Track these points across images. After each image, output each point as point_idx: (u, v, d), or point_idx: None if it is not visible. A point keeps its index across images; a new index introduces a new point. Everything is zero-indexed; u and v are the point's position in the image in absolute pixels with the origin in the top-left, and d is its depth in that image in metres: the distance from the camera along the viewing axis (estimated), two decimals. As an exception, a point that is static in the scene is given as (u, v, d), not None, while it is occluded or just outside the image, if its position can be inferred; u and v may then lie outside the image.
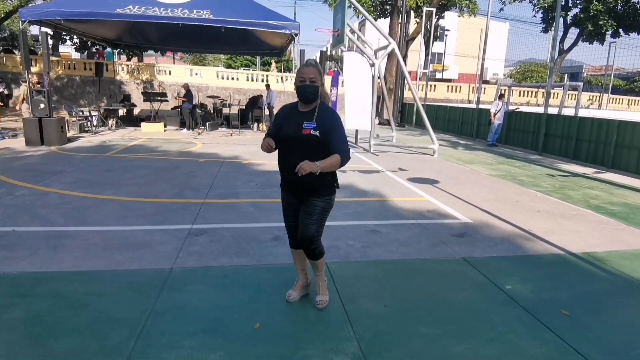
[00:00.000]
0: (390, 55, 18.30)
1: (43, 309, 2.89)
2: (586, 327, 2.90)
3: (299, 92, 2.71)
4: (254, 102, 16.56)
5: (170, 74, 24.62)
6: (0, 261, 3.60)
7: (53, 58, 23.03)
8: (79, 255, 3.80)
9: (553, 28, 13.36)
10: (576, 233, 4.95)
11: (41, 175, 6.88)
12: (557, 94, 26.49)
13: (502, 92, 13.66)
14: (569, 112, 12.55)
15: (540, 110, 12.99)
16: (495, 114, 13.01)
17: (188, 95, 14.60)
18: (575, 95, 28.00)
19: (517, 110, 13.56)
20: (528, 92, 29.97)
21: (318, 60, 12.01)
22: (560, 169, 9.68)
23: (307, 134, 2.65)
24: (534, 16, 29.80)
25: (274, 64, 35.37)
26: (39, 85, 10.39)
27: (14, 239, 4.13)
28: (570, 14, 28.71)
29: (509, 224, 5.18)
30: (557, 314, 3.05)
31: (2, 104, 21.89)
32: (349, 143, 2.79)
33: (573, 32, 30.14)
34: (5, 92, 22.09)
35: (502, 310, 3.10)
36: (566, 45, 30.22)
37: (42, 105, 9.98)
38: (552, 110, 12.53)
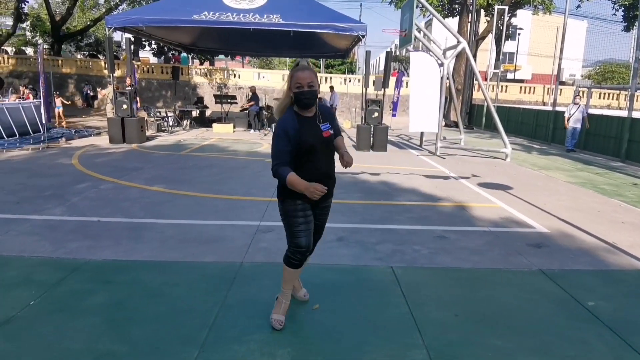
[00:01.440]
0: (458, 55, 17.68)
1: (123, 295, 3.10)
2: (686, 354, 2.60)
3: (298, 99, 2.54)
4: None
5: (239, 77, 25.61)
6: (85, 249, 3.92)
7: (134, 62, 24.84)
8: (157, 246, 4.04)
9: (636, 26, 12.20)
10: (671, 249, 4.47)
11: (123, 170, 7.42)
12: (645, 96, 24.16)
13: (579, 94, 12.74)
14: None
15: (623, 114, 11.92)
16: (568, 118, 12.14)
17: (254, 98, 15.07)
18: (667, 97, 25.39)
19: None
20: (609, 94, 27.64)
21: (384, 60, 11.88)
22: (650, 177, 8.81)
23: (328, 136, 2.64)
24: (614, 14, 27.39)
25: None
26: (129, 87, 11.25)
27: (99, 229, 4.48)
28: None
29: (590, 235, 4.79)
30: (649, 337, 2.77)
31: (87, 104, 23.95)
32: (404, 144, 2.77)
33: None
34: (91, 93, 24.12)
35: (583, 327, 2.87)
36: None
37: (124, 106, 10.78)
38: (637, 115, 11.45)
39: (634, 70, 11.87)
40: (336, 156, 2.73)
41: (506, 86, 27.09)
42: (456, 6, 21.43)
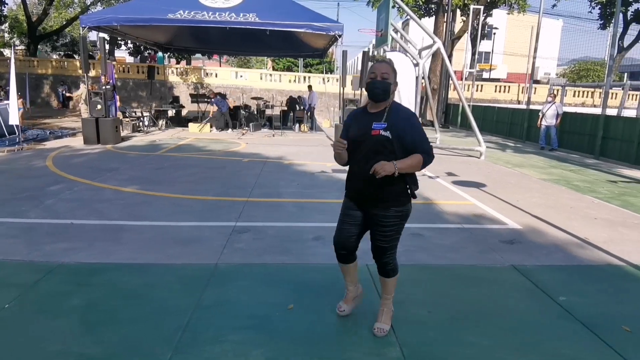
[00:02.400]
0: (435, 55, 17.92)
1: (99, 297, 3.04)
2: (651, 344, 2.70)
3: (368, 88, 2.47)
4: (293, 102, 16.70)
5: (216, 76, 25.34)
6: (59, 252, 3.82)
7: (109, 62, 24.32)
8: (133, 248, 3.97)
9: (612, 24, 12.60)
10: (639, 243, 4.62)
11: (98, 171, 7.26)
12: (616, 94, 24.95)
13: (553, 91, 13.04)
14: (629, 113, 11.80)
15: (597, 111, 12.27)
16: (542, 117, 12.41)
17: (218, 102, 14.91)
18: (636, 95, 26.30)
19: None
20: (583, 92, 28.42)
21: (360, 60, 11.96)
22: (620, 174, 9.09)
23: (376, 135, 2.39)
24: (590, 12, 28.25)
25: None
26: (106, 86, 11.00)
27: (73, 231, 4.38)
28: (631, 9, 26.98)
29: (563, 231, 4.92)
30: (617, 330, 2.85)
31: (62, 105, 23.36)
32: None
33: (634, 29, 28.31)
34: (67, 94, 23.54)
35: (557, 323, 2.93)
36: (626, 43, 28.43)
37: (98, 107, 10.54)
38: (611, 112, 11.81)
39: (609, 68, 12.25)
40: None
41: (482, 85, 27.56)
42: (432, 6, 21.70)
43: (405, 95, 10.65)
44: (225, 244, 4.12)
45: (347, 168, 2.70)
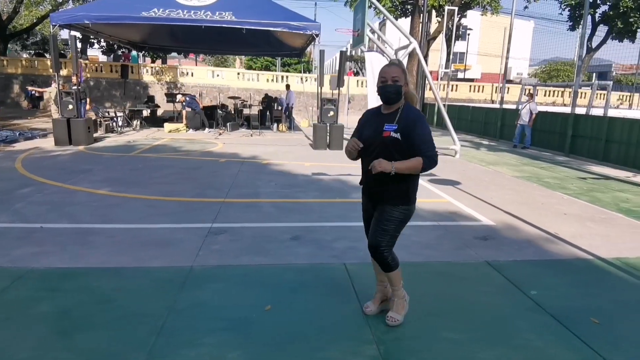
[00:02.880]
0: (411, 55, 18.11)
1: (70, 303, 2.96)
2: (617, 336, 2.79)
3: (380, 92, 2.58)
4: (270, 100, 16.59)
5: (192, 75, 25.01)
6: (29, 257, 3.70)
7: (81, 61, 23.69)
8: (106, 251, 3.88)
9: (581, 26, 13.00)
10: (606, 237, 4.78)
11: (69, 174, 7.06)
12: (585, 93, 25.76)
13: (525, 91, 13.35)
14: (597, 112, 12.20)
15: (567, 110, 12.64)
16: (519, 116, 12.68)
17: (189, 103, 14.76)
18: (604, 94, 27.20)
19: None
20: (554, 91, 29.23)
21: (338, 60, 12.00)
22: (588, 170, 9.39)
23: (387, 136, 2.50)
24: (561, 14, 29.15)
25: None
26: (76, 87, 10.70)
27: (43, 235, 4.25)
28: (599, 11, 27.91)
29: (535, 227, 5.05)
30: (586, 322, 2.95)
31: (32, 105, 22.63)
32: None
33: (602, 30, 29.31)
34: (37, 94, 22.81)
35: (529, 316, 3.01)
36: (594, 44, 29.39)
37: (70, 107, 10.26)
38: (580, 111, 12.18)
39: (578, 68, 12.63)
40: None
41: (456, 85, 28.03)
42: (408, 7, 21.95)
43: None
44: (201, 246, 4.07)
45: (327, 170, 2.74)
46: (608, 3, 27.17)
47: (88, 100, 11.64)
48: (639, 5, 25.86)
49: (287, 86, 17.62)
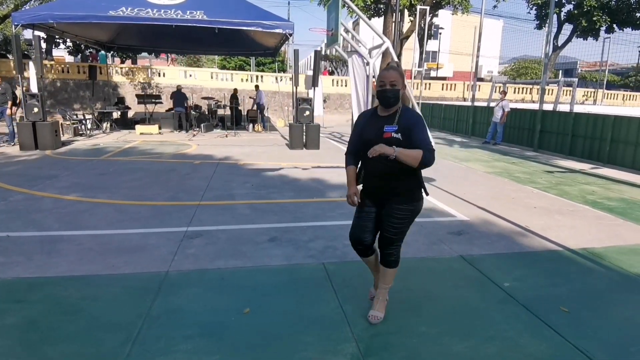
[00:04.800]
0: (385, 54, 18.26)
1: (38, 314, 2.85)
2: (585, 324, 2.89)
3: (379, 96, 2.60)
4: (233, 96, 16.35)
5: (164, 75, 24.55)
6: (-7, 267, 3.55)
7: (46, 62, 22.89)
8: (74, 259, 3.76)
9: (547, 24, 13.38)
10: (573, 229, 4.94)
11: (35, 179, 6.82)
12: (552, 90, 26.57)
13: (496, 89, 13.63)
14: (564, 108, 12.59)
15: (536, 106, 13.00)
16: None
17: (179, 97, 14.55)
18: (570, 91, 28.10)
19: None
20: (523, 88, 30.03)
21: (313, 59, 12.00)
22: (556, 165, 9.69)
23: (388, 137, 2.52)
24: (529, 13, 29.88)
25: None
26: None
27: (8, 244, 4.08)
28: (564, 10, 28.82)
29: (506, 220, 5.17)
30: (556, 311, 3.04)
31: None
32: (336, 142, 2.74)
33: (567, 28, 30.28)
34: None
35: (501, 307, 3.09)
36: (560, 42, 30.34)
37: (35, 110, 9.91)
38: (547, 107, 12.55)
39: (545, 66, 12.99)
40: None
41: (429, 84, 28.48)
42: (381, 6, 22.11)
43: (360, 94, 10.90)
44: (176, 251, 4.00)
45: (302, 170, 2.75)
46: (572, 2, 28.08)
47: (9, 103, 10.39)
48: (602, 4, 26.83)
49: (257, 86, 17.52)
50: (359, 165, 2.80)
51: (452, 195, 6.35)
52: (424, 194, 2.74)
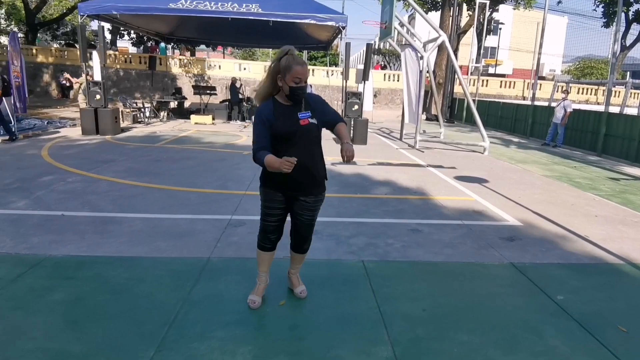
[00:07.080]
0: (440, 49, 17.74)
1: (85, 292, 2.98)
2: (649, 347, 2.62)
3: (294, 93, 2.51)
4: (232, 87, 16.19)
5: (220, 68, 25.20)
6: (47, 244, 3.76)
7: (111, 52, 24.18)
8: (124, 241, 3.91)
9: (615, 23, 12.41)
10: (637, 241, 4.53)
11: (93, 163, 7.20)
12: (619, 92, 24.68)
13: (558, 88, 12.80)
14: (631, 111, 11.63)
15: (601, 108, 12.10)
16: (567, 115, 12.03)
17: (233, 89, 14.84)
18: (638, 94, 26.01)
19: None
20: (588, 89, 28.13)
21: (364, 53, 11.83)
22: (621, 171, 8.97)
23: (306, 124, 2.56)
24: (594, 10, 27.81)
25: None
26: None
27: (63, 223, 4.32)
28: (632, 9, 26.63)
29: (563, 228, 4.83)
30: (613, 330, 2.78)
31: (62, 95, 23.28)
32: (384, 137, 2.68)
33: (636, 28, 27.98)
34: (67, 84, 23.47)
35: (552, 321, 2.87)
36: (628, 42, 28.11)
37: (97, 96, 10.47)
38: (614, 110, 11.65)
39: (612, 66, 12.06)
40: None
41: (487, 80, 27.33)
42: (438, 0, 21.44)
43: (411, 89, 10.66)
44: (220, 238, 4.06)
45: (348, 165, 2.72)
46: (641, 2, 25.83)
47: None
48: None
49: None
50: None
51: (505, 198, 6.03)
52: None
